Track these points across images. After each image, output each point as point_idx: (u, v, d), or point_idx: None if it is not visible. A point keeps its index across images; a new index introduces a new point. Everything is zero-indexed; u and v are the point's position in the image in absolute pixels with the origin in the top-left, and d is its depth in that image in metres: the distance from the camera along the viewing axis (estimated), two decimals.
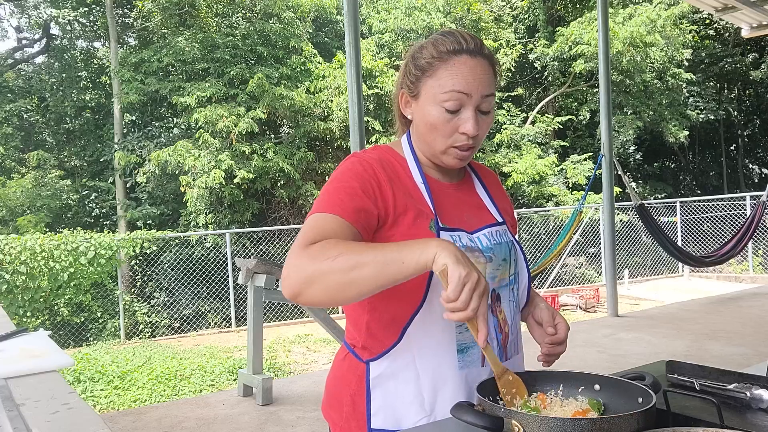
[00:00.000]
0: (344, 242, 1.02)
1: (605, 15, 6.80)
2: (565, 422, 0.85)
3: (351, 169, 1.16)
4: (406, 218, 1.13)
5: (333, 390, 1.25)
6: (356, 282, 0.97)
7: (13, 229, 11.50)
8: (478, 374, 1.14)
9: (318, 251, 1.00)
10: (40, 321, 8.75)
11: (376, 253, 0.98)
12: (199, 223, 11.32)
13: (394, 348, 1.14)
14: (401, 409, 1.13)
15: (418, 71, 1.17)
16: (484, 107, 1.16)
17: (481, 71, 1.14)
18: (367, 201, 1.11)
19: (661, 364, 1.22)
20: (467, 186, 1.29)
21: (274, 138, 13.02)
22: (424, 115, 1.17)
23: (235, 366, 6.24)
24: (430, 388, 1.13)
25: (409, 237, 1.10)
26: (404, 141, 1.26)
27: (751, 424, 0.94)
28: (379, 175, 1.15)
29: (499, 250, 1.20)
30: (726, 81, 17.84)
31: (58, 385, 1.18)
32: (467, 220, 1.21)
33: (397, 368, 1.14)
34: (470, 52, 1.14)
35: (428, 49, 1.17)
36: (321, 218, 1.08)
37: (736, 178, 18.31)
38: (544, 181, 13.49)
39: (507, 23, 16.38)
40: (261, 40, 12.92)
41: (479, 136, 1.16)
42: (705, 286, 10.74)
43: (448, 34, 1.17)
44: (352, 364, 1.21)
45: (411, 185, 1.18)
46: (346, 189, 1.11)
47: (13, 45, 19.43)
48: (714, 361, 4.79)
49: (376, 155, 1.20)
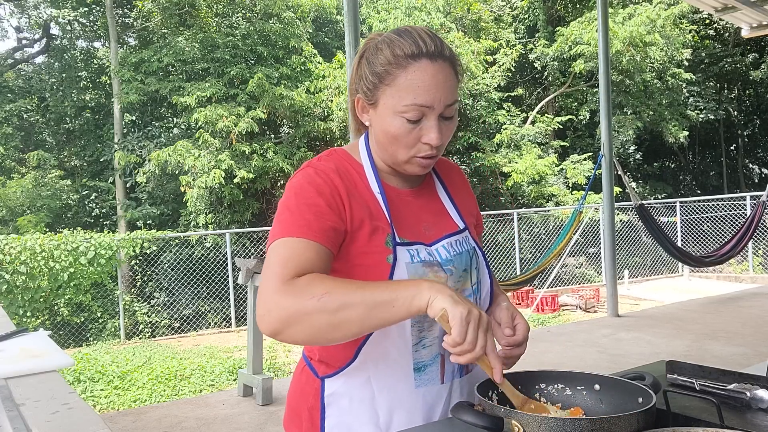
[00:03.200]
0: (330, 279, 0.98)
1: (605, 15, 6.79)
2: (565, 422, 0.84)
3: (312, 182, 1.09)
4: (361, 233, 1.09)
5: (292, 404, 1.22)
6: (342, 324, 0.94)
7: (13, 229, 11.50)
8: (437, 392, 1.13)
9: (302, 288, 0.96)
10: (40, 321, 8.75)
11: (363, 294, 0.94)
12: (199, 223, 11.32)
13: (349, 366, 1.12)
14: (356, 427, 1.11)
15: (374, 78, 1.09)
16: (447, 114, 1.10)
17: (442, 78, 1.07)
18: (335, 218, 1.06)
19: (661, 364, 1.22)
20: (427, 191, 1.23)
21: (274, 138, 13.03)
22: (383, 125, 1.10)
23: (235, 366, 6.24)
24: (385, 408, 1.11)
25: (366, 255, 1.08)
26: (361, 145, 1.20)
27: (751, 424, 0.94)
28: (339, 188, 1.09)
29: (459, 261, 1.15)
30: (726, 81, 17.84)
31: (58, 385, 1.18)
32: (425, 231, 1.16)
33: (352, 386, 1.12)
34: (430, 56, 1.06)
35: (384, 53, 1.08)
36: (294, 245, 1.02)
37: (736, 178, 18.31)
38: (544, 181, 13.49)
39: (507, 23, 16.39)
40: (261, 40, 12.93)
41: (443, 144, 1.11)
42: (705, 286, 10.73)
43: (405, 35, 1.08)
44: (309, 378, 1.18)
45: (368, 196, 1.13)
46: (311, 207, 1.06)
47: (13, 45, 19.47)
48: (714, 361, 4.79)
49: (332, 164, 1.14)
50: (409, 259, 1.09)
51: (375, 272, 1.07)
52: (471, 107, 13.89)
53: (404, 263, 1.08)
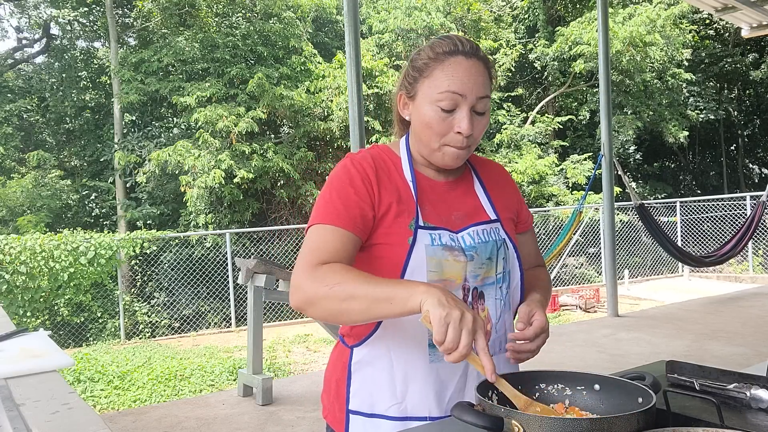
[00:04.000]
0: (346, 270, 1.08)
1: (605, 15, 6.79)
2: (565, 422, 0.84)
3: (345, 173, 1.20)
4: (389, 216, 1.18)
5: (327, 375, 1.33)
6: (347, 312, 1.06)
7: (13, 229, 11.50)
8: (451, 369, 1.18)
9: (321, 276, 1.08)
10: (40, 321, 8.74)
11: (368, 288, 1.04)
12: (199, 223, 11.32)
13: (372, 336, 1.20)
14: (375, 394, 1.20)
15: (415, 72, 1.21)
16: (479, 108, 1.18)
17: (476, 72, 1.17)
18: (363, 205, 1.17)
19: (661, 364, 1.22)
20: (463, 184, 1.30)
21: (274, 138, 13.03)
22: (420, 114, 1.20)
23: (235, 366, 6.24)
24: (401, 378, 1.18)
25: (388, 235, 1.17)
26: (402, 141, 1.30)
27: (751, 424, 0.94)
28: (370, 176, 1.20)
29: (483, 249, 1.21)
30: (726, 81, 17.84)
31: (58, 385, 1.18)
32: (455, 219, 1.23)
33: (374, 356, 1.21)
34: (465, 54, 1.17)
35: (425, 52, 1.21)
36: (322, 232, 1.15)
37: (736, 178, 18.31)
38: (544, 181, 13.49)
39: (507, 23, 16.39)
40: (261, 40, 12.92)
41: (474, 136, 1.19)
42: (705, 286, 10.73)
43: (446, 38, 1.20)
44: (341, 352, 1.28)
45: (401, 183, 1.22)
46: (342, 197, 1.17)
47: (13, 45, 19.44)
48: (714, 361, 4.79)
49: (370, 153, 1.25)
50: (429, 241, 1.16)
51: (395, 251, 1.16)
52: None
53: (423, 245, 1.16)
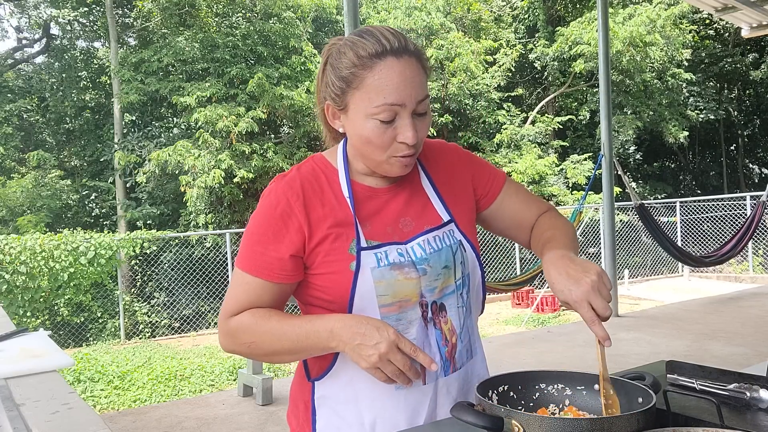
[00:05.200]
0: (255, 322, 1.08)
1: (605, 15, 6.79)
2: (565, 422, 0.84)
3: (268, 209, 1.11)
4: (324, 244, 1.09)
5: (293, 395, 1.25)
6: (276, 360, 1.15)
7: (13, 229, 11.50)
8: (420, 393, 1.11)
9: (233, 332, 1.10)
10: (40, 321, 8.74)
11: (284, 339, 1.06)
12: (199, 223, 11.32)
13: (332, 369, 1.14)
14: (344, 429, 1.13)
15: (341, 83, 1.06)
16: (420, 110, 1.07)
17: (411, 73, 1.04)
18: (285, 249, 1.08)
19: (661, 364, 1.22)
20: (408, 185, 1.18)
21: (274, 138, 13.03)
22: (356, 129, 1.07)
23: (235, 366, 6.23)
24: (369, 410, 1.11)
25: (328, 263, 1.09)
26: (339, 149, 1.18)
27: (751, 424, 0.94)
28: (295, 207, 1.09)
29: (437, 259, 1.12)
30: (726, 81, 17.84)
31: (58, 385, 1.18)
32: (403, 228, 1.14)
33: (337, 389, 1.14)
34: (395, 53, 1.03)
35: (348, 56, 1.05)
36: (240, 279, 1.11)
37: (736, 178, 18.31)
38: (544, 181, 13.49)
39: (507, 23, 16.39)
40: (261, 40, 12.93)
41: (420, 139, 1.09)
42: (705, 286, 10.73)
43: (367, 35, 1.06)
44: (303, 379, 1.20)
45: (336, 203, 1.12)
46: (262, 242, 1.09)
47: (13, 45, 19.45)
48: (714, 361, 4.79)
49: (300, 175, 1.14)
50: (375, 263, 1.08)
51: (338, 280, 1.08)
52: (471, 107, 13.90)
53: (369, 269, 1.07)
